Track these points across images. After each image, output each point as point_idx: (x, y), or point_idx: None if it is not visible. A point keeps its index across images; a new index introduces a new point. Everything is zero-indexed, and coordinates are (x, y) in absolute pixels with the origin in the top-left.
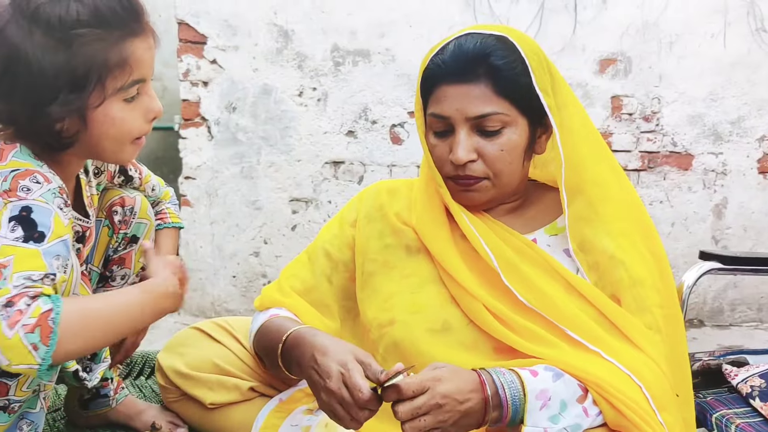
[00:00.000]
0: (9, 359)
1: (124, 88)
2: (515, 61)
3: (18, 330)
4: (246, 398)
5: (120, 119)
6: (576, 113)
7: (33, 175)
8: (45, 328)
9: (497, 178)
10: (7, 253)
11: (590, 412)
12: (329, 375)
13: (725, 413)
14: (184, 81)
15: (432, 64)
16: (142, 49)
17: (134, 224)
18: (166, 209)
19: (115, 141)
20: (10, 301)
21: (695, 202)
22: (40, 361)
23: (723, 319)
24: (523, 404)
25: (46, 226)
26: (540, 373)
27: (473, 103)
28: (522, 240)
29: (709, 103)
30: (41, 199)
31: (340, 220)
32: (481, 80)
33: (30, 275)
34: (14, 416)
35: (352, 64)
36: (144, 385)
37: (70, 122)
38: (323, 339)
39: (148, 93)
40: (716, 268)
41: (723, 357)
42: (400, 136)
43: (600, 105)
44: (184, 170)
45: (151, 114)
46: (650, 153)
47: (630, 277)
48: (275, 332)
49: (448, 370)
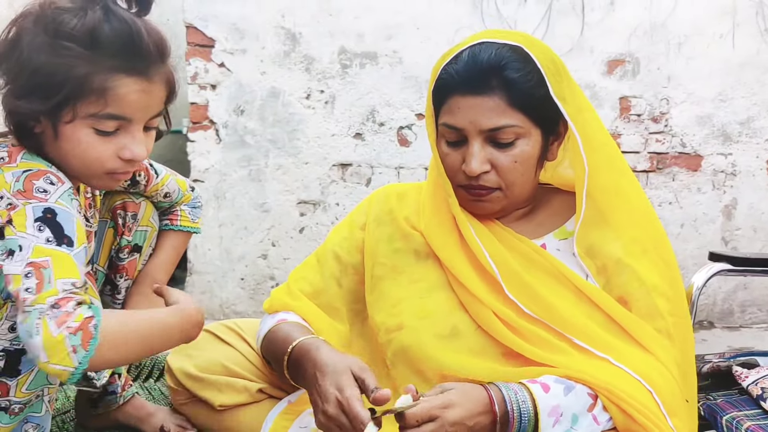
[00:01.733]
0: (49, 357)
1: (97, 117)
2: (530, 72)
3: (63, 330)
4: (255, 400)
5: (86, 144)
6: (592, 118)
7: (46, 176)
8: (86, 333)
9: (509, 189)
10: (43, 254)
11: (600, 419)
12: (327, 399)
13: (735, 415)
14: (192, 84)
15: (445, 74)
16: (131, 89)
17: (136, 232)
18: (179, 210)
19: (83, 165)
20: (57, 302)
21: (704, 203)
22: (76, 365)
23: (733, 321)
24: (532, 422)
25: (72, 232)
26: (551, 387)
27: (487, 116)
28: (531, 246)
29: (718, 103)
30: (61, 202)
31: (350, 223)
32: (495, 93)
33: (74, 282)
34: (16, 418)
35: (359, 67)
36: (153, 387)
37: (45, 126)
38: (324, 355)
39: (132, 134)
40: (726, 269)
41: (733, 359)
42: (407, 138)
43: (608, 106)
44: (192, 173)
45: (125, 154)
46: (659, 154)
47: (641, 284)
48: (281, 341)
49: (457, 392)
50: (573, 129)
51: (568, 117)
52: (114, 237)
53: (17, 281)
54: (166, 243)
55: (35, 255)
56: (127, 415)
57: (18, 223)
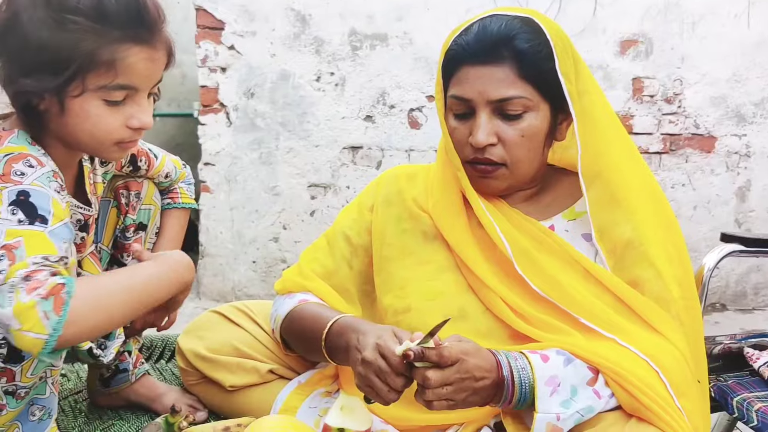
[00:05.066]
0: (21, 323)
1: (107, 89)
2: (540, 44)
3: (33, 296)
4: (265, 380)
5: (96, 116)
6: (597, 100)
7: (26, 159)
8: (58, 299)
9: (515, 165)
10: (14, 235)
11: (602, 394)
12: (365, 347)
13: (746, 396)
14: (203, 67)
15: (455, 45)
16: (138, 57)
17: (140, 210)
18: (178, 188)
19: (92, 137)
20: (28, 275)
21: (718, 184)
22: (50, 332)
23: (746, 303)
24: (531, 390)
25: (47, 210)
26: (551, 357)
27: (496, 86)
28: (539, 227)
29: (733, 84)
30: (37, 183)
31: (359, 204)
32: (505, 63)
33: (47, 256)
34: (22, 402)
35: (369, 48)
36: (164, 368)
37: (49, 103)
38: (367, 324)
39: (139, 103)
40: (738, 250)
41: (745, 340)
42: (418, 120)
43: (621, 87)
44: (204, 156)
45: (134, 122)
46: (672, 135)
47: (651, 267)
48: (311, 319)
49: (473, 345)
50: (570, 108)
51: (568, 95)
52: (117, 217)
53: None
54: (172, 221)
55: (7, 237)
56: (139, 394)
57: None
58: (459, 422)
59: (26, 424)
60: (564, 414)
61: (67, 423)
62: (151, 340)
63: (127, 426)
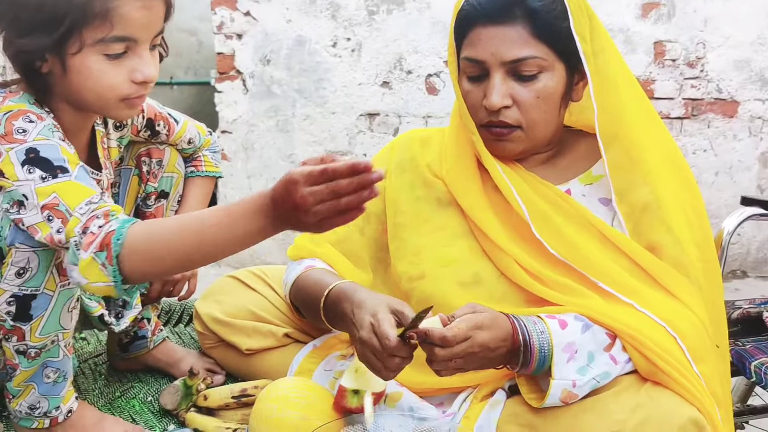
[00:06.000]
0: (87, 278)
1: (105, 42)
2: (554, 2)
3: (90, 252)
4: (281, 344)
5: (97, 72)
6: (614, 60)
7: (26, 115)
8: (110, 250)
9: (531, 128)
10: (46, 193)
11: (619, 359)
12: (361, 325)
13: (765, 361)
14: (219, 34)
15: (467, 5)
16: (132, 6)
17: (162, 178)
18: (203, 156)
19: (96, 95)
20: (84, 228)
21: (740, 150)
22: (112, 278)
23: (767, 270)
24: (550, 355)
25: (61, 159)
26: (569, 323)
27: (509, 47)
28: (555, 191)
29: (757, 47)
30: (41, 136)
31: None
32: (518, 22)
33: (88, 201)
34: (34, 362)
35: (386, 13)
36: (183, 332)
37: (52, 64)
38: (361, 294)
39: (140, 55)
40: (758, 213)
41: (764, 305)
42: (435, 86)
43: (642, 51)
44: (221, 124)
45: (137, 76)
46: (694, 100)
47: (669, 231)
48: (313, 286)
49: (487, 316)
50: (585, 68)
51: (583, 55)
52: (139, 185)
53: (44, 228)
54: (196, 189)
55: (41, 197)
56: (157, 359)
57: (8, 172)
58: (474, 384)
59: (41, 386)
60: (580, 381)
61: (87, 385)
62: (170, 305)
63: (146, 389)
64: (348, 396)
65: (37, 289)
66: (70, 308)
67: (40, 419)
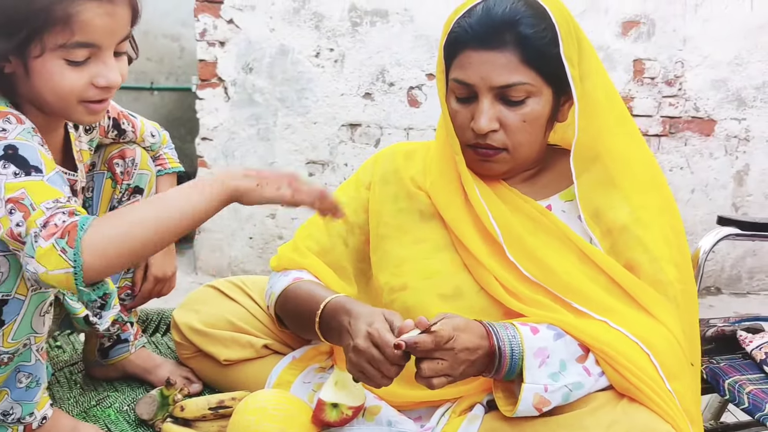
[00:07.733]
0: (44, 266)
1: (67, 48)
2: (545, 29)
3: (51, 241)
4: (260, 355)
5: (59, 76)
6: (601, 83)
7: (6, 117)
8: (72, 234)
9: (516, 150)
10: (14, 188)
11: (592, 371)
12: (357, 335)
13: (738, 379)
14: (201, 41)
15: (458, 27)
16: (95, 13)
17: (136, 175)
18: (164, 155)
19: (56, 96)
20: (46, 221)
21: (716, 168)
22: (71, 263)
23: (741, 287)
24: (521, 360)
25: (38, 161)
26: (541, 330)
27: (498, 72)
28: (536, 207)
29: (734, 67)
30: (21, 137)
31: (356, 182)
32: (509, 48)
33: (56, 200)
34: (7, 368)
35: (369, 25)
36: (160, 341)
37: (15, 65)
38: (359, 306)
39: (104, 61)
40: (734, 233)
41: (738, 323)
42: (417, 98)
43: (621, 68)
44: (201, 131)
45: (100, 81)
46: (672, 118)
47: (647, 252)
48: (306, 298)
49: (462, 320)
50: (573, 92)
51: (571, 79)
52: (113, 188)
53: (5, 223)
54: (166, 186)
55: (8, 192)
56: (135, 365)
57: None
58: (452, 398)
59: (14, 391)
60: (552, 386)
61: (62, 394)
62: (147, 314)
63: (122, 398)
64: (327, 409)
65: (8, 294)
66: (42, 312)
67: (13, 425)
